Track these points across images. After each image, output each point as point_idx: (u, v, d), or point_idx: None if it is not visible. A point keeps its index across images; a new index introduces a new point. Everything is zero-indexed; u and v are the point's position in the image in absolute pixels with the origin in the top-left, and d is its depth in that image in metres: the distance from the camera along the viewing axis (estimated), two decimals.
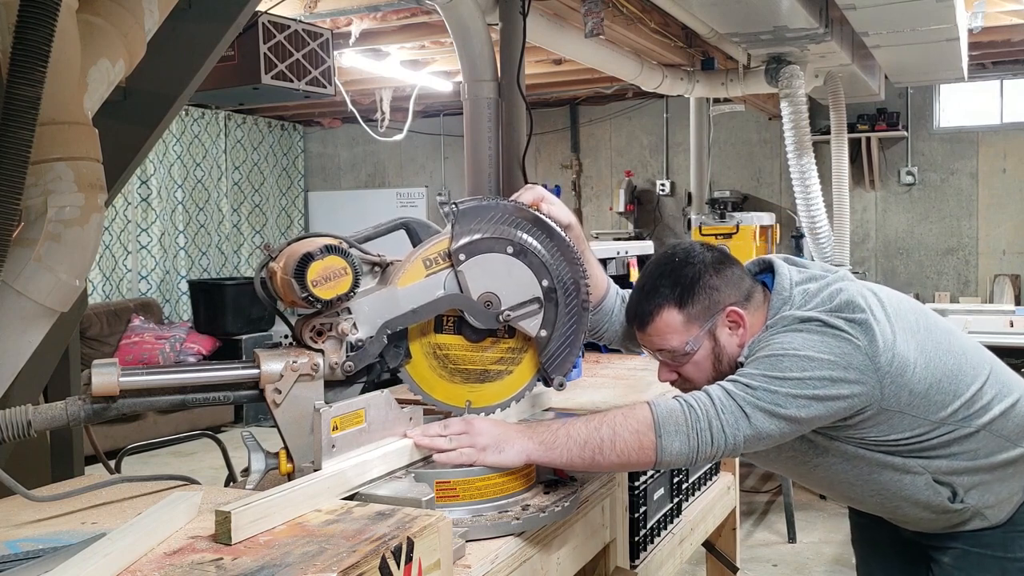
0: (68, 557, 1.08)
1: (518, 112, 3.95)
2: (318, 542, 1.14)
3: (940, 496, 1.74)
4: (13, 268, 1.37)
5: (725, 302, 1.73)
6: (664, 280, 1.74)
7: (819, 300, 1.68)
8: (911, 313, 1.75)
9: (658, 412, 1.56)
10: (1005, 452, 1.73)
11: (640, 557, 2.13)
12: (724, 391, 1.58)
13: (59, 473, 2.21)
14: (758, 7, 4.37)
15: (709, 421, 1.55)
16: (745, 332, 1.73)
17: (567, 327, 1.62)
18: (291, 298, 1.47)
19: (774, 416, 1.56)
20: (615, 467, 1.62)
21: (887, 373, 1.61)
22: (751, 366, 1.62)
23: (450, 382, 1.62)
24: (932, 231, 8.29)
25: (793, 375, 1.57)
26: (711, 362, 1.74)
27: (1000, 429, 1.72)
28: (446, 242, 1.56)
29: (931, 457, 1.71)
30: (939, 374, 1.68)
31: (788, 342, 1.62)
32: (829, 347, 1.60)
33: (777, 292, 1.74)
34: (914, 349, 1.67)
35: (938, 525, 1.81)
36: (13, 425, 1.31)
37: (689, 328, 1.73)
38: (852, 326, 1.62)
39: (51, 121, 1.39)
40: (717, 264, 1.76)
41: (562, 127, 9.48)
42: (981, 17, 5.41)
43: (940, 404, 1.68)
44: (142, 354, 7.38)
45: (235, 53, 3.98)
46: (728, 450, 1.57)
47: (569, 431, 1.54)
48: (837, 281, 1.73)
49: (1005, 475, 1.75)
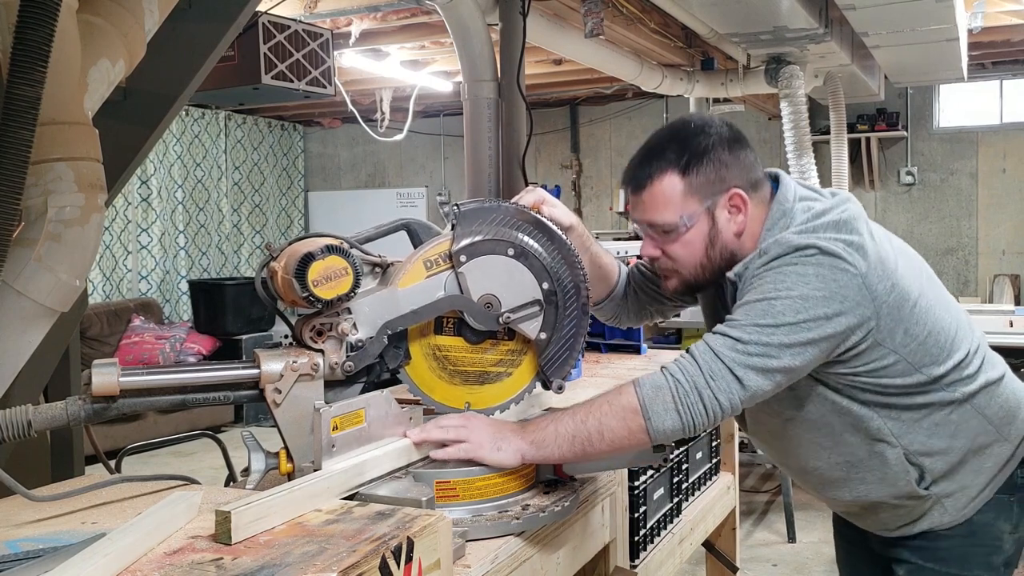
0: (68, 557, 1.08)
1: (518, 112, 3.95)
2: (318, 542, 1.14)
3: (909, 476, 1.66)
4: (13, 268, 1.37)
5: (732, 182, 1.62)
6: (673, 144, 1.63)
7: (821, 222, 1.57)
8: (916, 259, 1.70)
9: (643, 394, 1.49)
10: (984, 436, 1.67)
11: (640, 557, 2.13)
12: (712, 353, 1.49)
13: (59, 473, 2.21)
14: (758, 7, 4.37)
15: (699, 392, 1.47)
16: (744, 220, 1.63)
17: (567, 330, 1.62)
18: (292, 297, 1.47)
19: (768, 372, 1.48)
20: (609, 456, 1.58)
21: (884, 302, 1.54)
22: (741, 312, 1.52)
23: (449, 384, 1.62)
24: (932, 231, 8.29)
25: (787, 320, 1.48)
26: (703, 244, 1.64)
27: (984, 406, 1.66)
28: (447, 243, 1.56)
29: (912, 422, 1.63)
30: (937, 326, 1.61)
31: (781, 281, 1.51)
32: (824, 280, 1.50)
33: (779, 201, 1.64)
34: (915, 288, 1.60)
35: (898, 516, 1.73)
36: (13, 425, 1.31)
37: (688, 201, 1.61)
38: (850, 251, 1.52)
39: (51, 121, 1.39)
40: (733, 142, 1.64)
41: (562, 127, 9.48)
42: (981, 17, 5.41)
43: (935, 359, 1.60)
44: (142, 354, 7.38)
45: (235, 53, 3.98)
46: (726, 415, 1.50)
47: (557, 427, 1.51)
48: (843, 203, 1.62)
49: (977, 465, 1.68)
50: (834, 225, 1.56)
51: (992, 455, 1.69)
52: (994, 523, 1.71)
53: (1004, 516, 1.72)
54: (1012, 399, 1.72)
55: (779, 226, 1.61)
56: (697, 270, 1.66)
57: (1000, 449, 1.70)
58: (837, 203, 1.62)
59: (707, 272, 1.66)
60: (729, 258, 1.64)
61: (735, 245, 1.64)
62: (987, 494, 1.70)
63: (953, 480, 1.68)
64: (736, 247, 1.64)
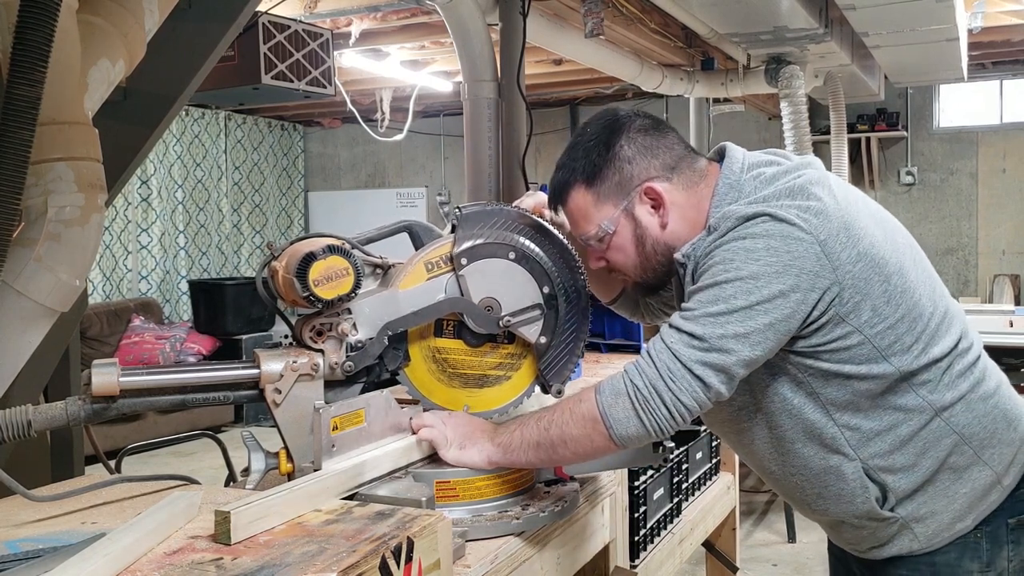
0: (68, 557, 1.08)
1: (518, 112, 3.95)
2: (318, 542, 1.14)
3: (868, 494, 1.50)
4: (13, 268, 1.37)
5: (641, 176, 1.52)
6: (577, 153, 1.56)
7: (772, 190, 1.45)
8: (900, 234, 1.55)
9: (602, 402, 1.41)
10: (959, 458, 1.49)
11: (640, 557, 2.13)
12: (670, 352, 1.39)
13: (59, 473, 2.21)
14: (758, 7, 4.36)
15: (659, 395, 1.38)
16: (667, 211, 1.53)
17: (567, 334, 1.61)
18: (292, 297, 1.47)
19: (727, 368, 1.38)
20: (578, 461, 1.52)
21: (849, 272, 1.40)
22: (694, 301, 1.42)
23: (449, 386, 1.62)
24: (932, 231, 8.29)
25: (739, 304, 1.37)
26: (634, 245, 1.55)
27: (961, 423, 1.49)
28: (448, 246, 1.57)
29: (872, 435, 1.48)
30: (915, 311, 1.46)
31: (729, 261, 1.40)
32: (775, 253, 1.38)
33: (724, 177, 1.52)
34: (892, 262, 1.45)
35: (864, 538, 1.58)
36: (13, 425, 1.31)
37: (602, 209, 1.54)
38: (805, 216, 1.39)
39: (51, 121, 1.39)
40: (638, 132, 1.54)
41: (562, 127, 9.48)
42: (981, 17, 5.41)
43: (906, 347, 1.45)
44: (142, 354, 7.38)
45: (235, 53, 3.98)
46: (693, 414, 1.40)
47: (523, 433, 1.47)
48: (800, 168, 1.50)
49: (950, 489, 1.51)
50: (787, 192, 1.44)
51: (968, 480, 1.51)
52: (958, 563, 1.53)
53: (970, 555, 1.53)
54: (999, 418, 1.53)
55: (727, 200, 1.50)
56: (639, 271, 1.58)
57: (979, 474, 1.51)
58: (792, 167, 1.50)
59: (651, 270, 1.58)
60: (665, 251, 1.55)
61: (668, 237, 1.54)
62: (967, 525, 1.52)
63: (921, 503, 1.51)
64: (669, 239, 1.54)
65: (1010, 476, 1.54)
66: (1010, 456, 1.54)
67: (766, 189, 1.46)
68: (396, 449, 1.49)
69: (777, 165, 1.51)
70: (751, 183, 1.49)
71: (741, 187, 1.50)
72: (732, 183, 1.51)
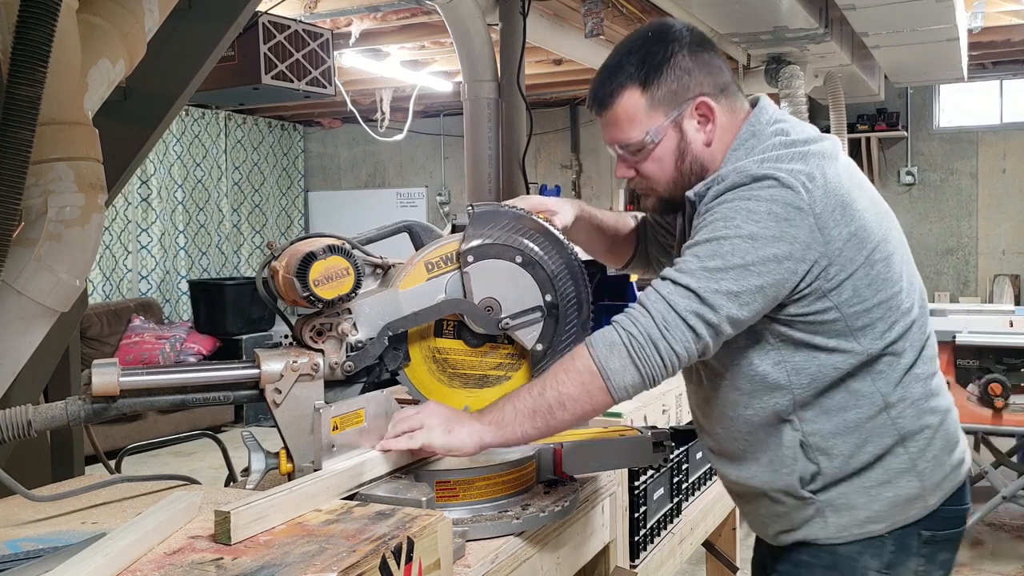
0: (68, 557, 1.08)
1: (518, 112, 3.96)
2: (318, 542, 1.14)
3: (795, 468, 1.52)
4: (13, 268, 1.37)
5: (697, 90, 1.53)
6: (632, 57, 1.53)
7: (787, 152, 1.47)
8: (896, 230, 1.56)
9: (598, 355, 1.41)
10: (894, 460, 1.51)
11: (640, 557, 2.13)
12: (665, 302, 1.40)
13: (59, 473, 2.21)
14: (758, 7, 4.37)
15: (655, 343, 1.39)
16: (714, 129, 1.54)
17: (565, 345, 1.60)
18: (292, 297, 1.47)
19: (715, 325, 1.40)
20: (575, 424, 1.49)
21: (838, 250, 1.43)
22: (691, 254, 1.43)
23: (449, 386, 1.61)
24: (932, 231, 8.29)
25: (735, 262, 1.39)
26: (674, 159, 1.55)
27: (907, 428, 1.51)
28: (449, 246, 1.57)
29: (823, 412, 1.50)
30: (892, 302, 1.48)
31: (731, 219, 1.41)
32: (775, 219, 1.40)
33: (751, 122, 1.54)
34: (881, 251, 1.48)
35: (778, 517, 1.59)
36: (13, 425, 1.31)
37: (653, 115, 1.53)
38: (810, 187, 1.42)
39: (51, 121, 1.39)
40: (695, 45, 1.54)
41: (562, 127, 9.48)
42: (981, 17, 5.41)
43: (877, 333, 1.48)
44: (142, 354, 7.37)
45: (235, 53, 3.98)
46: (683, 365, 1.42)
47: (515, 404, 1.43)
48: (820, 139, 1.52)
49: (874, 488, 1.51)
50: (801, 156, 1.46)
51: (896, 486, 1.51)
52: (859, 558, 1.53)
53: (872, 552, 1.53)
54: (941, 438, 1.55)
55: (746, 147, 1.52)
56: (670, 186, 1.58)
57: (908, 484, 1.51)
58: (811, 138, 1.52)
59: (681, 187, 1.57)
60: (700, 171, 1.55)
61: (706, 156, 1.55)
62: (879, 528, 1.52)
63: (843, 493, 1.52)
64: (707, 158, 1.55)
65: (935, 497, 1.54)
66: (940, 478, 1.55)
67: (781, 149, 1.48)
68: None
69: (802, 131, 1.54)
70: (770, 139, 1.51)
71: (760, 138, 1.52)
72: (755, 131, 1.53)
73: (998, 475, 4.42)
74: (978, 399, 4.12)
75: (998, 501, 4.27)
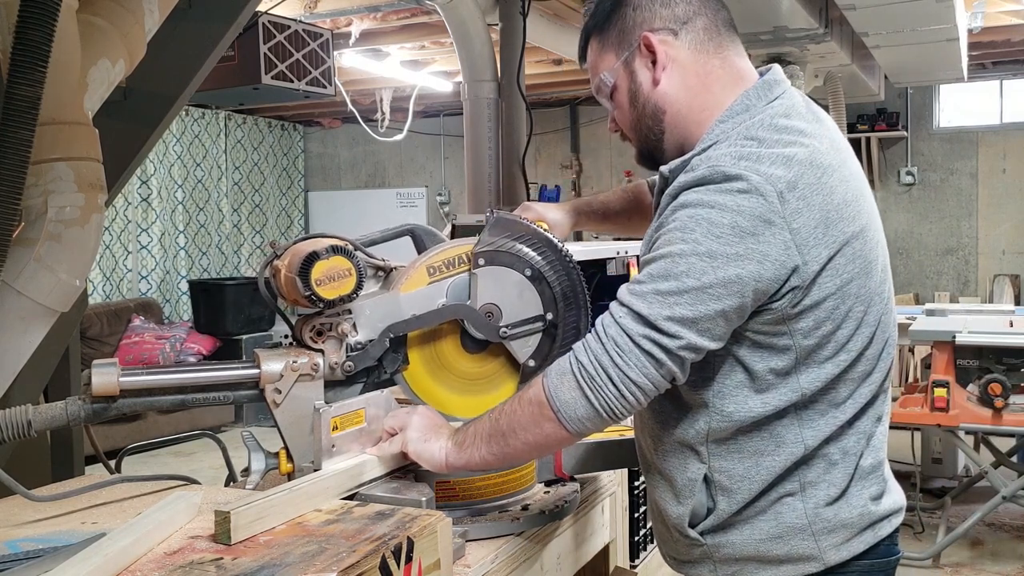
0: (68, 557, 1.08)
1: (518, 112, 3.96)
2: (318, 542, 1.15)
3: (689, 503, 1.37)
4: (13, 268, 1.37)
5: (644, 26, 1.38)
6: (593, 6, 1.46)
7: (778, 137, 1.29)
8: (880, 247, 1.40)
9: (549, 384, 1.28)
10: (794, 516, 1.33)
11: (640, 557, 2.13)
12: (617, 326, 1.25)
13: (59, 473, 2.21)
14: (758, 7, 4.36)
15: (606, 371, 1.25)
16: (659, 67, 1.37)
17: None
18: (294, 296, 1.47)
19: (672, 352, 1.24)
20: (534, 456, 1.39)
21: (812, 274, 1.25)
22: (645, 272, 1.27)
23: (447, 390, 1.61)
24: (932, 231, 8.29)
25: (690, 284, 1.22)
26: (629, 101, 1.42)
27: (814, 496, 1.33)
28: (451, 251, 1.57)
29: (734, 451, 1.34)
30: (855, 344, 1.31)
31: (690, 230, 1.24)
32: (740, 233, 1.22)
33: (749, 94, 1.37)
34: (857, 284, 1.30)
35: (675, 548, 1.47)
36: (13, 425, 1.31)
37: (606, 58, 1.43)
38: (792, 196, 1.23)
39: (51, 121, 1.39)
40: None
41: (562, 127, 9.48)
42: (981, 17, 5.41)
43: (819, 367, 1.30)
44: (142, 354, 7.37)
45: (235, 53, 3.98)
46: (648, 394, 1.26)
47: (477, 427, 1.36)
48: (822, 137, 1.33)
49: (764, 543, 1.35)
50: (785, 160, 1.26)
51: (788, 544, 1.34)
52: None
53: None
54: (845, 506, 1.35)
55: (734, 121, 1.34)
56: (634, 133, 1.46)
57: (802, 545, 1.34)
58: (815, 132, 1.33)
59: (643, 135, 1.44)
60: (654, 113, 1.40)
61: (658, 97, 1.39)
62: None
63: (732, 541, 1.36)
64: (660, 99, 1.39)
65: (838, 555, 1.35)
66: (844, 538, 1.36)
67: (771, 135, 1.30)
68: None
69: (801, 120, 1.34)
70: (765, 115, 1.33)
71: (754, 114, 1.34)
72: (749, 105, 1.35)
73: (998, 475, 4.41)
74: (978, 399, 4.12)
75: (998, 501, 4.26)
